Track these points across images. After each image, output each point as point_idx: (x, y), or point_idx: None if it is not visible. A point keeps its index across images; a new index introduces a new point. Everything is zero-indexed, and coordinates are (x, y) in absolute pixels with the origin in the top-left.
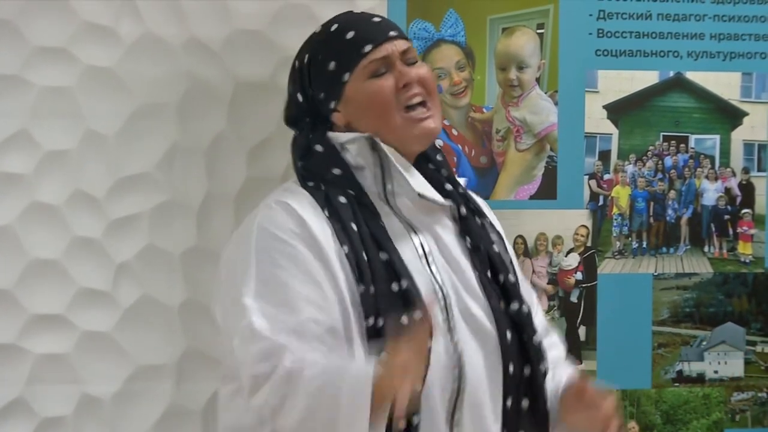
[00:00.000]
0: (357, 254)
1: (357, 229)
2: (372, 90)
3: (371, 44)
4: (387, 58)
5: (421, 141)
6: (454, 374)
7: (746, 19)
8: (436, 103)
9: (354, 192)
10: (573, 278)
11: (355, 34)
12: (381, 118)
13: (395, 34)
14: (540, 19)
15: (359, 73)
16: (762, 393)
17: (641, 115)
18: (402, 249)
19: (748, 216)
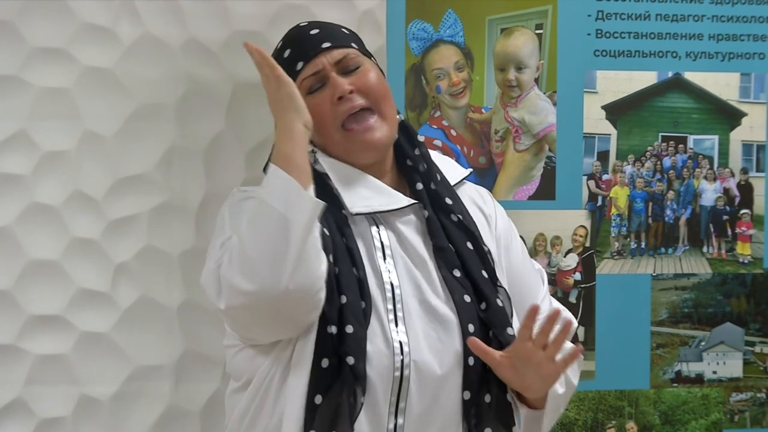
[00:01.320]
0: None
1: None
2: (310, 107)
3: (302, 61)
4: (319, 72)
5: (366, 154)
6: (395, 363)
7: (745, 19)
8: (383, 108)
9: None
10: (572, 279)
11: (290, 52)
12: (321, 134)
13: (328, 45)
14: (539, 20)
15: (301, 91)
16: (761, 393)
17: (640, 115)
18: (359, 239)
19: (746, 216)
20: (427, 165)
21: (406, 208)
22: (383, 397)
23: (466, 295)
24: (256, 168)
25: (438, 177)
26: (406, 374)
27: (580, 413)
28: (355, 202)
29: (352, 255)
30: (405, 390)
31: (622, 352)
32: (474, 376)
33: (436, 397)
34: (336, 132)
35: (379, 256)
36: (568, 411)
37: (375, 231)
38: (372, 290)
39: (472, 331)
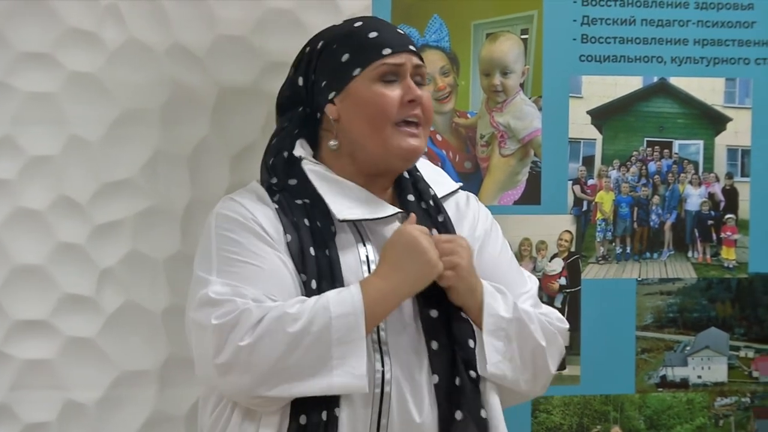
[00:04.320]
0: (301, 246)
1: (307, 225)
2: (377, 93)
3: (391, 49)
4: (401, 66)
5: (403, 157)
6: (376, 379)
7: (730, 24)
8: (427, 131)
9: (309, 200)
10: (557, 283)
11: (378, 35)
12: (373, 123)
13: (414, 50)
14: (524, 25)
15: (370, 73)
16: (745, 398)
17: (625, 120)
18: (345, 254)
19: (731, 221)
20: (425, 184)
21: (392, 217)
22: (364, 413)
23: (435, 310)
24: (240, 173)
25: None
26: (387, 391)
27: (565, 418)
28: (342, 210)
29: (333, 271)
30: (386, 406)
31: (607, 357)
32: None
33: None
34: (390, 126)
35: (365, 270)
36: (553, 415)
37: (361, 247)
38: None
39: (434, 347)
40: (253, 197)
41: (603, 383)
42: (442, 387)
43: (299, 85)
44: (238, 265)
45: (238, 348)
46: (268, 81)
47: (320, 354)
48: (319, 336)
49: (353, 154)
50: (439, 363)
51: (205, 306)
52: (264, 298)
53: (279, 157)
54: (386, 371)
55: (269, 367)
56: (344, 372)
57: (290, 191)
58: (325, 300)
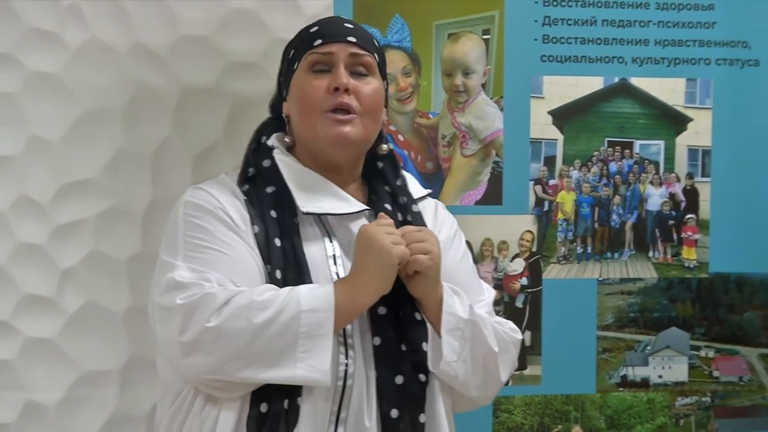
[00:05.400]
0: (267, 237)
1: (273, 217)
2: (306, 84)
3: (322, 39)
4: (331, 55)
5: (332, 143)
6: (340, 371)
7: (690, 25)
8: (368, 120)
9: (277, 188)
10: (518, 283)
11: (317, 29)
12: (303, 113)
13: (353, 40)
14: (485, 25)
15: (303, 64)
16: (706, 398)
17: (586, 120)
18: (310, 247)
19: (692, 221)
20: (406, 198)
21: (359, 214)
22: (324, 405)
23: (383, 307)
24: (202, 173)
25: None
26: (349, 384)
27: (526, 417)
28: (307, 203)
29: (299, 263)
30: (347, 399)
31: (568, 357)
32: (387, 391)
33: (361, 411)
34: (318, 115)
35: (331, 265)
36: (515, 415)
37: (328, 242)
38: None
39: (378, 344)
40: (222, 188)
41: (564, 383)
42: (383, 385)
43: (277, 90)
44: (205, 251)
45: (204, 329)
46: (231, 81)
47: (286, 344)
48: (287, 326)
49: (304, 149)
50: (383, 360)
51: (171, 289)
52: (229, 284)
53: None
54: (350, 365)
55: (234, 351)
56: (308, 365)
57: (262, 178)
58: (297, 293)
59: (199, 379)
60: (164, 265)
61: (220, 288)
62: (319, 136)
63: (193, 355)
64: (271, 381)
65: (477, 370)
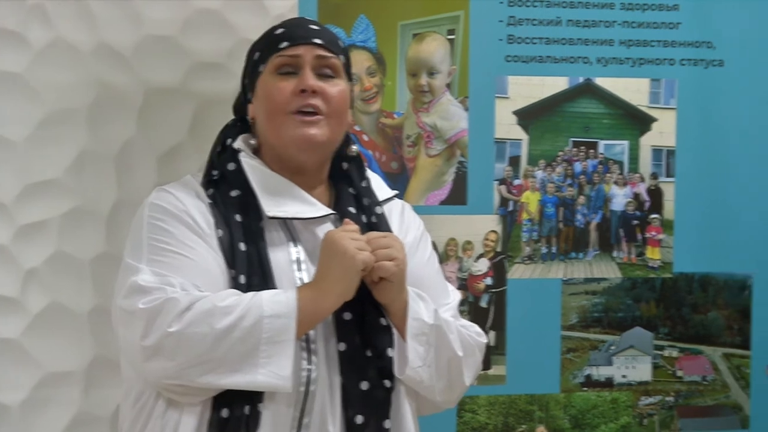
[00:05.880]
0: (232, 241)
1: (238, 221)
2: (272, 86)
3: (288, 42)
4: (298, 58)
5: (297, 145)
6: (302, 377)
7: (655, 25)
8: (335, 122)
9: (242, 192)
10: (483, 283)
11: (283, 31)
12: (269, 114)
13: (319, 42)
14: (450, 25)
15: (270, 67)
16: (669, 397)
17: (551, 120)
18: (275, 252)
19: (656, 221)
20: (370, 200)
21: (324, 218)
22: (286, 411)
23: (347, 313)
24: (167, 173)
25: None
26: (312, 390)
27: (490, 417)
28: (272, 207)
29: (263, 268)
30: (310, 405)
31: (532, 357)
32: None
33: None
34: (284, 116)
35: (295, 270)
36: (479, 415)
37: (292, 247)
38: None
39: (343, 349)
40: (187, 190)
41: (528, 383)
42: (348, 390)
43: (241, 92)
44: (168, 254)
45: (166, 333)
46: (195, 81)
47: (248, 350)
48: (249, 332)
49: (270, 151)
50: (348, 366)
51: (133, 293)
52: (192, 288)
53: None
54: (313, 371)
55: (195, 356)
56: (269, 371)
57: (227, 181)
58: (260, 298)
59: (161, 384)
60: (128, 269)
61: (182, 293)
62: (285, 137)
63: (154, 359)
64: (232, 387)
65: (441, 374)
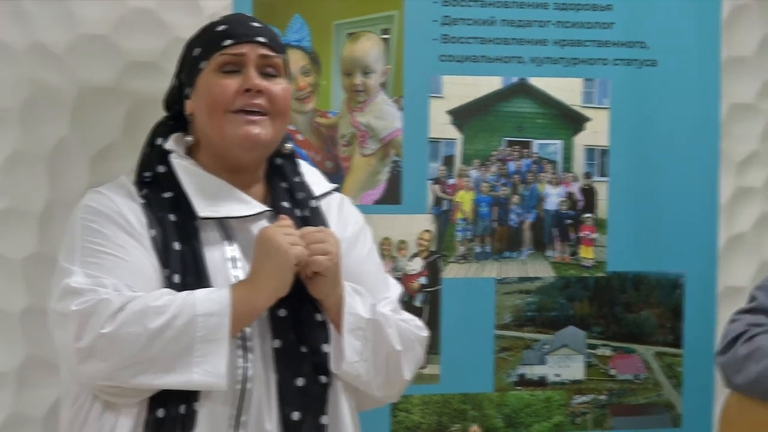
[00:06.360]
0: (165, 241)
1: (172, 220)
2: (215, 84)
3: (232, 40)
4: (242, 56)
5: (240, 144)
6: (238, 375)
7: (588, 25)
8: (278, 122)
9: (175, 193)
10: (417, 283)
11: (226, 28)
12: (211, 113)
13: (263, 41)
14: (385, 25)
15: (212, 65)
16: (602, 396)
17: (485, 120)
18: (210, 251)
19: (589, 220)
20: (305, 194)
21: (260, 216)
22: (223, 409)
23: (281, 310)
24: (100, 173)
25: (312, 204)
26: (249, 388)
27: (424, 417)
28: (205, 207)
29: (198, 267)
30: (247, 403)
31: (466, 356)
32: (288, 392)
33: (262, 411)
34: (227, 115)
35: (230, 268)
36: (413, 414)
37: (227, 245)
38: None
39: (278, 346)
40: (120, 191)
41: (462, 382)
42: (284, 387)
43: (174, 85)
44: (101, 256)
45: (99, 335)
46: (129, 80)
47: (182, 349)
48: (182, 331)
49: (209, 149)
50: (283, 363)
51: (66, 296)
52: (125, 289)
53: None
54: (249, 368)
55: (129, 357)
56: (204, 370)
57: (159, 183)
58: (193, 297)
59: (96, 385)
60: (62, 271)
61: (115, 293)
62: (229, 136)
63: (88, 361)
64: (167, 387)
65: (380, 369)
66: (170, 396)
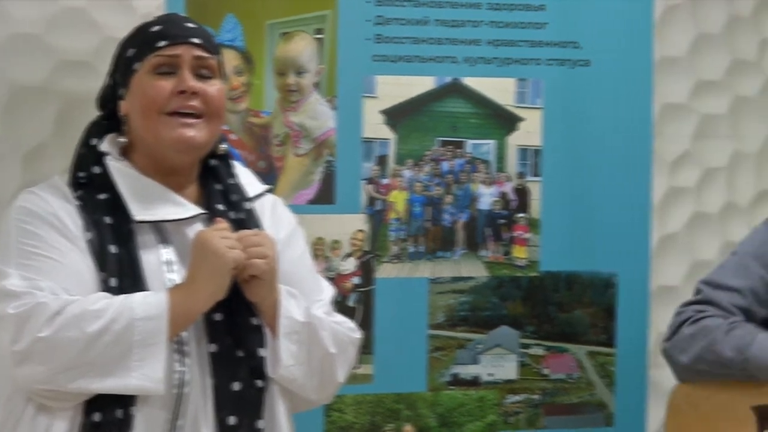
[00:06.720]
0: (102, 244)
1: (107, 223)
2: (149, 85)
3: (167, 41)
4: (177, 58)
5: (175, 147)
6: (174, 379)
7: (522, 25)
8: (212, 124)
9: (111, 195)
10: (350, 282)
11: (160, 28)
12: (145, 114)
13: (198, 42)
14: (318, 25)
15: (146, 66)
16: (535, 395)
17: (418, 120)
18: (146, 254)
19: (522, 220)
20: (238, 196)
21: (195, 218)
22: (160, 413)
23: (217, 314)
24: (32, 172)
25: (247, 206)
26: (186, 392)
27: (357, 416)
28: (140, 211)
29: (134, 270)
30: (184, 407)
31: (400, 356)
32: (223, 397)
33: (198, 416)
34: (162, 117)
35: (165, 271)
36: (346, 414)
37: (162, 248)
38: None
39: (214, 350)
40: (55, 192)
41: (396, 382)
42: (221, 392)
43: (108, 84)
44: (37, 258)
45: (36, 339)
46: (61, 79)
47: (120, 353)
48: (120, 335)
49: (143, 150)
50: (219, 367)
51: (3, 298)
52: (61, 292)
53: (88, 146)
54: (186, 373)
55: (66, 361)
56: (142, 374)
57: (94, 185)
58: (131, 301)
59: (33, 389)
60: None
61: (52, 297)
62: (162, 138)
63: (25, 364)
64: (104, 391)
65: (314, 372)
66: (107, 400)
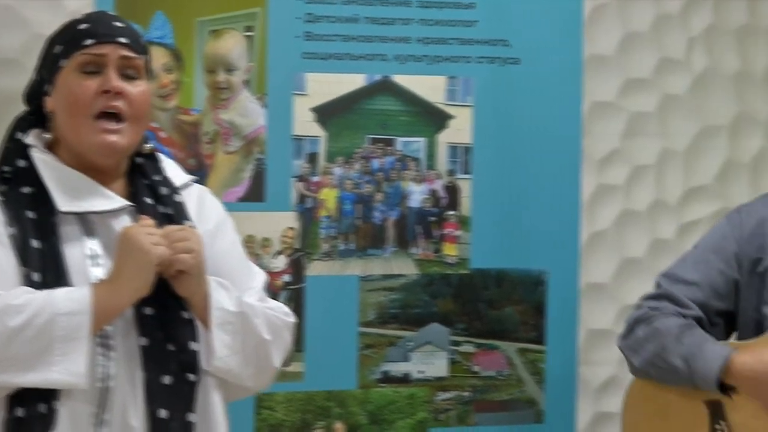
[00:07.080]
0: (24, 239)
1: (30, 218)
2: (74, 84)
3: (94, 39)
4: (103, 57)
5: (99, 153)
6: (98, 373)
7: (452, 23)
8: (137, 125)
9: (35, 188)
10: (281, 280)
11: (87, 27)
12: (71, 115)
13: (125, 42)
14: (248, 22)
15: (72, 64)
16: (466, 392)
17: (349, 117)
18: (69, 247)
19: (453, 218)
20: (169, 190)
21: (121, 211)
22: (84, 407)
23: (147, 308)
24: None
25: (177, 199)
26: (111, 386)
27: (288, 414)
28: (66, 202)
29: (57, 265)
30: (110, 401)
31: (330, 353)
32: (154, 391)
33: (127, 410)
34: (87, 119)
35: (89, 265)
36: (277, 412)
37: (86, 241)
38: None
39: (144, 344)
40: None
41: (326, 379)
42: (151, 385)
43: (34, 80)
44: None
45: None
46: None
47: (41, 348)
48: (42, 330)
49: (68, 146)
50: (150, 361)
51: None
52: None
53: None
54: (110, 367)
55: None
56: (63, 368)
57: (19, 178)
58: (54, 296)
59: None
60: None
61: None
62: (86, 142)
63: None
64: (26, 385)
65: (250, 360)
66: (30, 395)
